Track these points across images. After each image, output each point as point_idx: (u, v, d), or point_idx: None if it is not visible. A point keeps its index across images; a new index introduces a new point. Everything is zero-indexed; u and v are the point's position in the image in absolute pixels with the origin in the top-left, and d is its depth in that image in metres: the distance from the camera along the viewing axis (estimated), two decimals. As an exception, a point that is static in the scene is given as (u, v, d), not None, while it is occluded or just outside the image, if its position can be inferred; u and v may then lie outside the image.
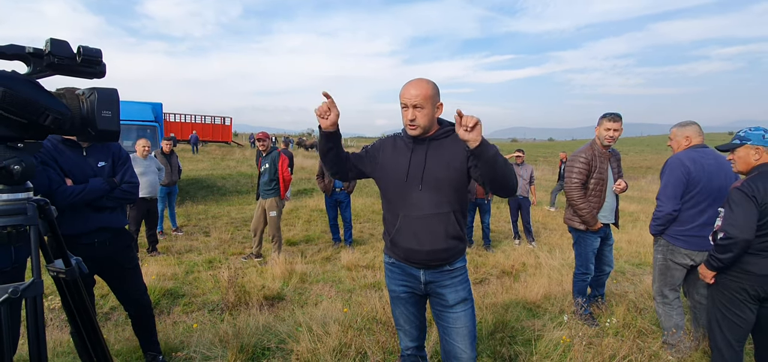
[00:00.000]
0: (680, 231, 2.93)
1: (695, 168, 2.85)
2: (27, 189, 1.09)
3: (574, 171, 3.44)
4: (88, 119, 1.11)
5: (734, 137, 2.45)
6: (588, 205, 3.43)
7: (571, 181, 3.45)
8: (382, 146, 2.02)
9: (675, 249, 2.95)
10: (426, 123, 1.82)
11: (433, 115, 1.85)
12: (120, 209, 2.56)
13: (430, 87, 1.82)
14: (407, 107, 1.82)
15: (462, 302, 1.93)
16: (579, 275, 3.66)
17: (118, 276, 2.53)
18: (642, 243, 6.86)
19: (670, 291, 3.05)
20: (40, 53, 1.05)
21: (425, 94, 1.79)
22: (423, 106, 1.79)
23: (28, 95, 1.00)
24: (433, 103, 1.82)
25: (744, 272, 2.25)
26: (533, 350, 2.90)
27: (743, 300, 2.28)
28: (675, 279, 3.01)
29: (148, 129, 8.96)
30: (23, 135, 1.05)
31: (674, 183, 2.89)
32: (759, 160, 2.30)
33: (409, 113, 1.81)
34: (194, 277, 4.74)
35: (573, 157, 3.53)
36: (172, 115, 29.04)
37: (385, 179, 1.95)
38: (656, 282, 3.12)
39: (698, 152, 2.92)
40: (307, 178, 15.25)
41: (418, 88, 1.80)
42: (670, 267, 3.00)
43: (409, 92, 1.80)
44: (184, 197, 10.69)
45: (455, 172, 1.85)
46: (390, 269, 2.04)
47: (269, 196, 5.56)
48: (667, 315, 3.06)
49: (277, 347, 2.97)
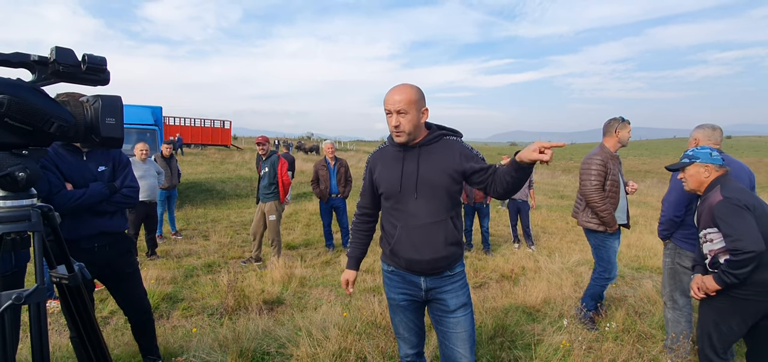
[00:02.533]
0: (687, 234, 2.96)
1: None
2: (31, 196, 1.10)
3: (592, 174, 3.43)
4: (93, 126, 1.12)
5: (683, 156, 2.48)
6: (608, 206, 3.42)
7: (590, 183, 3.42)
8: (373, 165, 2.03)
9: (683, 252, 2.98)
10: (411, 128, 1.82)
11: (419, 120, 1.84)
12: (120, 213, 2.56)
13: (414, 92, 1.81)
14: (391, 113, 1.82)
15: (462, 306, 1.93)
16: (601, 278, 3.60)
17: (118, 281, 2.54)
18: (641, 247, 6.87)
19: (680, 296, 3.05)
20: (45, 61, 1.06)
21: (408, 99, 1.79)
22: (407, 111, 1.79)
23: (33, 103, 1.01)
24: (417, 107, 1.82)
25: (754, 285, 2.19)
26: (533, 354, 2.91)
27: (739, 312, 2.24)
28: (684, 283, 3.02)
29: (147, 132, 8.96)
30: (28, 142, 1.06)
31: (678, 188, 2.90)
32: (709, 178, 2.33)
33: (394, 119, 1.81)
34: (193, 281, 4.74)
35: (587, 160, 3.52)
36: (171, 119, 29.05)
37: (382, 191, 1.96)
38: (667, 287, 3.13)
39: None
40: (307, 182, 15.27)
41: (402, 94, 1.79)
42: (678, 270, 3.03)
43: (393, 98, 1.80)
44: (184, 201, 10.69)
45: (449, 178, 1.84)
46: (389, 277, 2.03)
47: (269, 200, 5.57)
48: (675, 320, 3.07)
49: (276, 351, 2.97)
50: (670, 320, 3.11)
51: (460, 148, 1.90)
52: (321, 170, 6.44)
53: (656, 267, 5.91)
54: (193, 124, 30.51)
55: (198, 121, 30.89)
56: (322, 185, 6.41)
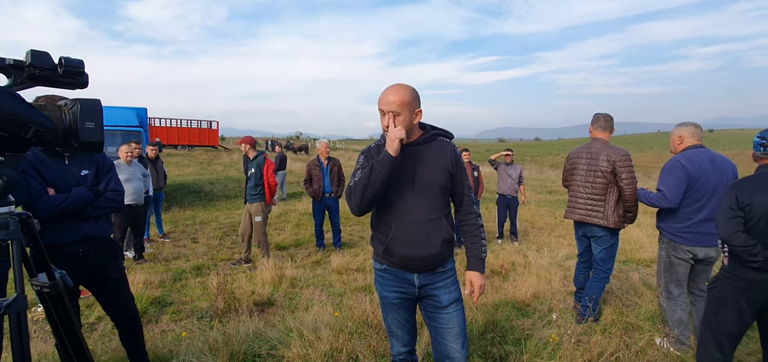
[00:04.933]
0: (680, 228, 3.02)
1: (693, 167, 2.95)
2: (8, 204, 1.07)
3: (634, 170, 3.32)
4: (71, 130, 1.10)
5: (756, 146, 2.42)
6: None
7: (635, 181, 3.31)
8: (368, 158, 2.01)
9: (677, 245, 3.05)
10: (404, 129, 1.81)
11: (412, 121, 1.85)
12: (105, 218, 2.50)
13: (409, 93, 1.82)
14: (384, 113, 1.82)
15: (455, 302, 1.96)
16: (608, 277, 3.59)
17: (104, 287, 2.48)
18: (628, 241, 6.98)
19: (675, 287, 3.13)
20: (20, 65, 1.03)
21: (402, 100, 1.79)
22: (400, 112, 1.79)
23: (9, 108, 0.98)
24: (411, 109, 1.83)
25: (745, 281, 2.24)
26: (523, 349, 2.93)
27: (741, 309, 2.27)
28: (680, 274, 3.10)
29: (132, 134, 8.82)
30: (4, 148, 1.03)
31: (676, 184, 2.96)
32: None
33: (386, 120, 1.81)
34: (182, 284, 4.68)
35: (623, 157, 3.34)
36: (157, 120, 28.61)
37: None
38: (662, 278, 3.20)
39: (694, 152, 3.02)
40: (296, 182, 15.18)
41: (396, 95, 1.80)
42: (674, 263, 3.09)
43: (387, 98, 1.81)
44: (171, 203, 10.55)
45: (444, 176, 1.89)
46: (381, 275, 2.03)
47: (255, 201, 5.54)
48: (671, 310, 3.14)
49: (268, 353, 2.95)
50: (666, 310, 3.18)
51: (453, 151, 1.96)
52: (314, 170, 6.41)
53: (642, 259, 6.01)
54: (180, 124, 30.09)
55: (184, 122, 30.47)
56: (316, 185, 6.38)
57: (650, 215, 11.05)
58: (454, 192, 1.98)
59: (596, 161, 3.44)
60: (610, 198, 3.40)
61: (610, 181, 3.38)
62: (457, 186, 1.97)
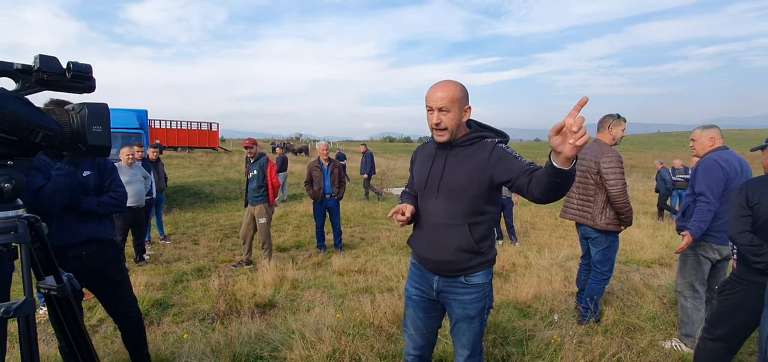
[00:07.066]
0: (711, 226, 3.03)
1: (729, 167, 2.98)
2: (17, 207, 1.08)
3: (618, 173, 3.32)
4: (79, 135, 1.11)
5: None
6: (630, 204, 3.39)
7: (620, 184, 3.31)
8: (416, 156, 2.04)
9: (706, 244, 3.07)
10: (452, 127, 1.75)
11: (461, 119, 1.76)
12: (108, 220, 2.52)
13: (458, 89, 1.73)
14: (432, 110, 1.74)
15: (466, 320, 1.87)
16: (607, 278, 3.59)
17: (107, 289, 2.49)
18: (628, 241, 6.99)
19: (700, 286, 3.15)
20: (28, 69, 1.04)
21: (452, 96, 1.71)
22: (449, 109, 1.72)
23: (17, 112, 0.99)
24: (460, 106, 1.74)
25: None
26: (525, 350, 2.94)
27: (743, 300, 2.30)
28: (704, 273, 3.13)
29: (133, 136, 8.82)
30: (12, 152, 1.04)
31: (715, 183, 2.96)
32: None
33: (435, 117, 1.73)
34: (184, 286, 4.68)
35: (610, 158, 3.34)
36: (157, 122, 28.60)
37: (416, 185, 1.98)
38: (687, 278, 3.20)
39: (726, 153, 3.06)
40: (296, 184, 15.18)
41: (445, 91, 1.72)
42: (701, 261, 3.12)
43: (435, 94, 1.73)
44: (172, 205, 10.55)
45: (475, 182, 1.75)
46: (411, 269, 2.05)
47: (258, 203, 5.53)
48: (696, 309, 3.15)
49: (270, 355, 2.95)
50: (691, 309, 3.17)
51: (494, 150, 1.74)
52: (315, 171, 6.42)
53: (643, 260, 6.02)
54: (180, 126, 30.08)
55: (185, 124, 30.46)
56: (316, 186, 6.38)
57: (650, 215, 11.06)
58: (510, 184, 1.66)
59: (588, 162, 3.49)
60: (598, 199, 3.42)
61: (598, 181, 3.41)
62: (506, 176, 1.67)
